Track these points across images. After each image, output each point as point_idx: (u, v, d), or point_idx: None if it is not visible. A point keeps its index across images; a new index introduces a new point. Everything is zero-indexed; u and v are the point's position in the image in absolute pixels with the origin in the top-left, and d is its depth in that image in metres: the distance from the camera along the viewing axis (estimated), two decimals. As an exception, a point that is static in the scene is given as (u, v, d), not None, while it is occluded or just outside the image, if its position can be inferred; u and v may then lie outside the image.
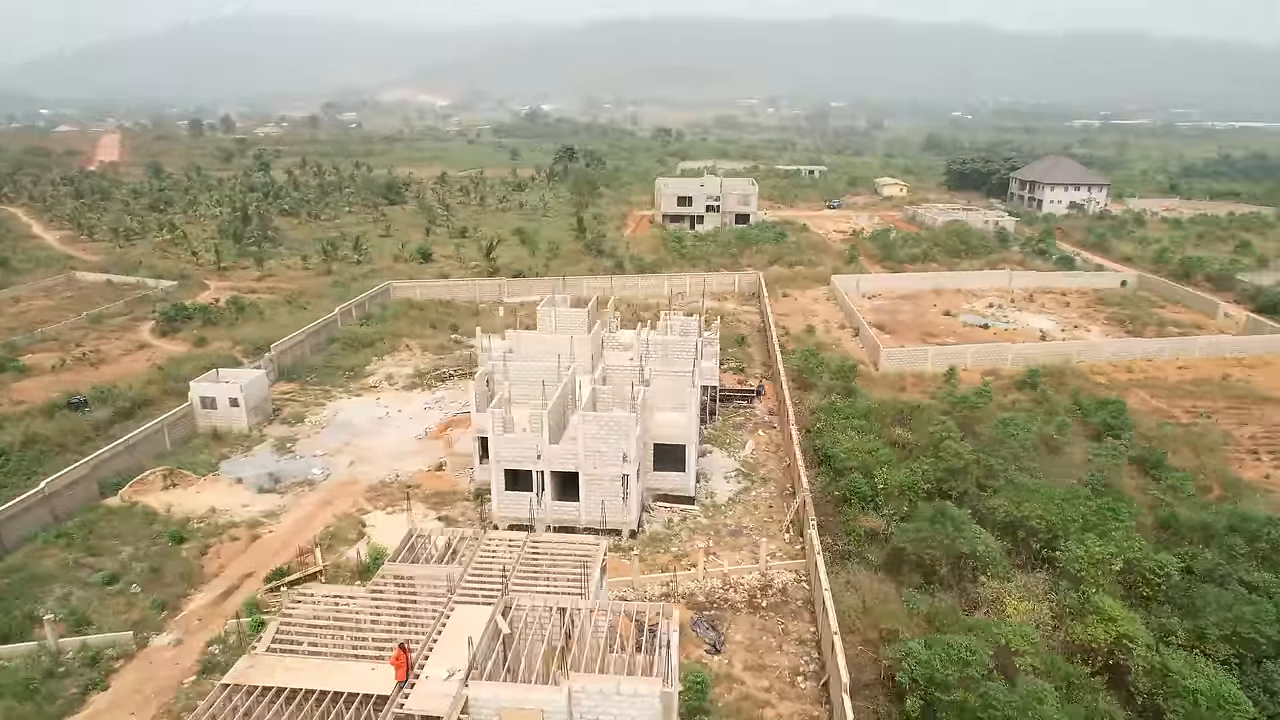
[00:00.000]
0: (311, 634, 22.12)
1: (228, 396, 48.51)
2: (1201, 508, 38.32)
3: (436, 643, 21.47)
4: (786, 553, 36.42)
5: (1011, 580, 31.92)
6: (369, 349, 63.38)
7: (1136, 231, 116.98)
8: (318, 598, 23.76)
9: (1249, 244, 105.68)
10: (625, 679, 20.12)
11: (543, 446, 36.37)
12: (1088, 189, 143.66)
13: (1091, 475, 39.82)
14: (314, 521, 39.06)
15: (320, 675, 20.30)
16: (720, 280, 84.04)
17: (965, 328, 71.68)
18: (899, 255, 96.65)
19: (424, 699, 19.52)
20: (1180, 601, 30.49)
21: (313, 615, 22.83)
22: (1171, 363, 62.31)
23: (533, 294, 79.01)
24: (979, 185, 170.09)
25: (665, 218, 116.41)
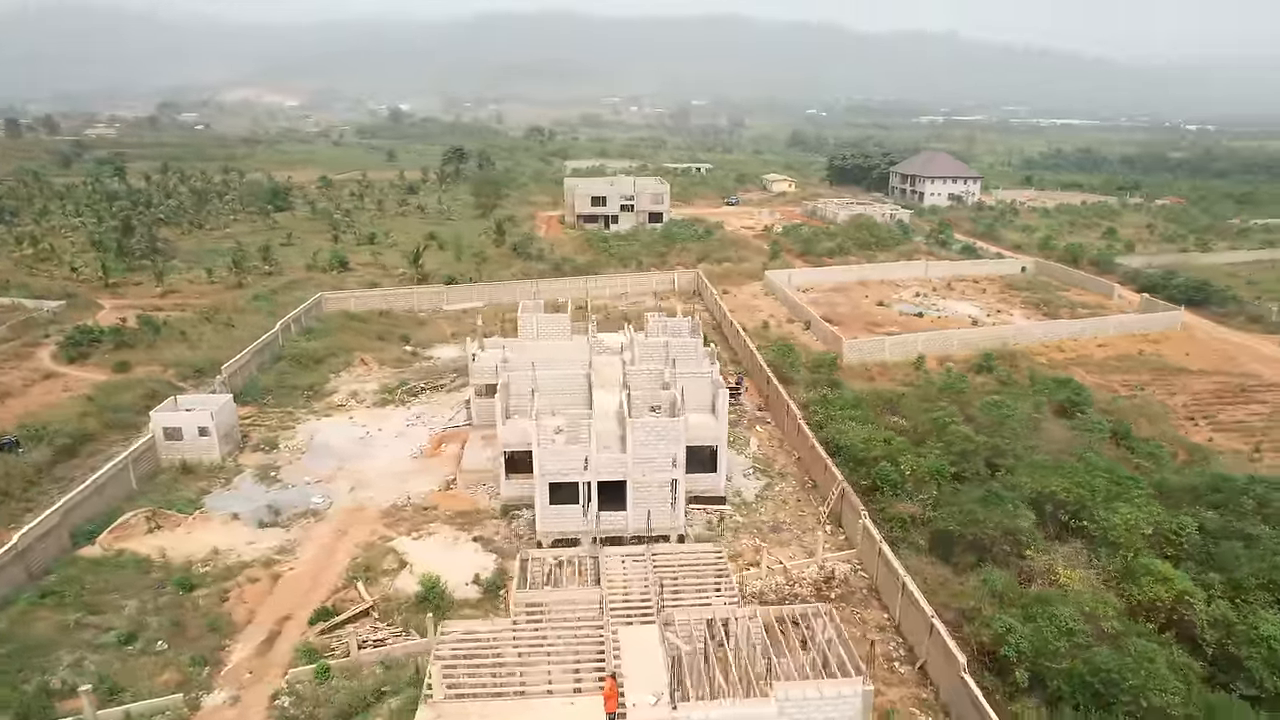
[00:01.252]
0: (477, 674, 20.82)
1: (196, 425, 44.42)
2: (1175, 472, 42.19)
3: (619, 667, 20.73)
4: (832, 544, 37.30)
5: (1050, 553, 34.08)
6: (321, 365, 59.62)
7: (1016, 220, 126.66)
8: (459, 635, 22.33)
9: (1114, 230, 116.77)
10: (826, 682, 20.27)
11: (591, 456, 35.54)
12: (964, 182, 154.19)
13: (1080, 450, 42.93)
14: (335, 555, 36.51)
15: (521, 717, 19.17)
16: (660, 279, 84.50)
17: (902, 316, 75.45)
18: (818, 249, 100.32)
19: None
20: (1200, 558, 33.51)
21: (468, 654, 21.47)
22: (1092, 341, 68.10)
23: (472, 300, 76.98)
24: (859, 180, 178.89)
25: (579, 218, 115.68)
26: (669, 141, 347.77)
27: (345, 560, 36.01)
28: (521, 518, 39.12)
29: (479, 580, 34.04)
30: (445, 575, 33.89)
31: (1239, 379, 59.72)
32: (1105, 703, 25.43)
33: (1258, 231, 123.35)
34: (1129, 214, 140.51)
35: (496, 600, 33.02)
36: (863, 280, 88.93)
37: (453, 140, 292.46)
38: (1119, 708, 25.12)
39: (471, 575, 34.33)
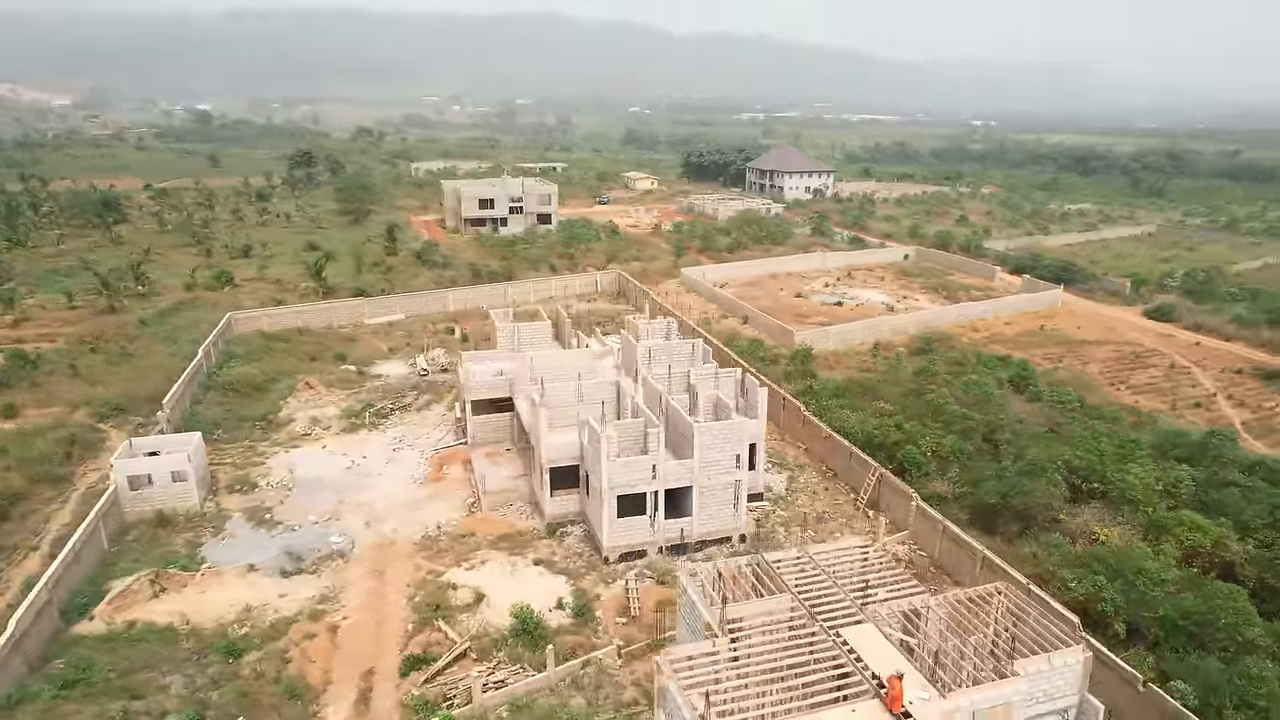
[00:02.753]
0: (735, 699, 20.03)
1: (169, 470, 39.28)
2: (1134, 433, 47.29)
3: (864, 666, 20.76)
4: (872, 528, 38.82)
5: (1078, 516, 37.36)
6: (263, 392, 54.27)
7: (875, 211, 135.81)
8: (681, 660, 21.37)
9: (965, 218, 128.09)
10: (1055, 654, 21.29)
11: (659, 464, 34.89)
12: (819, 175, 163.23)
13: (1056, 422, 47.14)
14: (386, 597, 33.66)
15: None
16: (584, 281, 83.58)
17: (824, 306, 79.12)
18: (717, 246, 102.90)
19: (934, 718, 19.05)
20: (1196, 506, 37.89)
21: (711, 680, 20.61)
22: (998, 320, 74.65)
23: (394, 313, 72.89)
24: (715, 176, 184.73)
25: (467, 222, 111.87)
26: (502, 141, 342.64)
27: (400, 601, 33.29)
28: (571, 534, 37.77)
29: (562, 604, 32.60)
30: (522, 602, 32.21)
31: (1129, 347, 67.66)
32: (1200, 643, 28.31)
33: (1073, 216, 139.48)
34: (966, 202, 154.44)
35: (592, 624, 31.78)
36: (771, 274, 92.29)
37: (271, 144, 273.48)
38: (1213, 645, 28.05)
39: (553, 601, 32.81)
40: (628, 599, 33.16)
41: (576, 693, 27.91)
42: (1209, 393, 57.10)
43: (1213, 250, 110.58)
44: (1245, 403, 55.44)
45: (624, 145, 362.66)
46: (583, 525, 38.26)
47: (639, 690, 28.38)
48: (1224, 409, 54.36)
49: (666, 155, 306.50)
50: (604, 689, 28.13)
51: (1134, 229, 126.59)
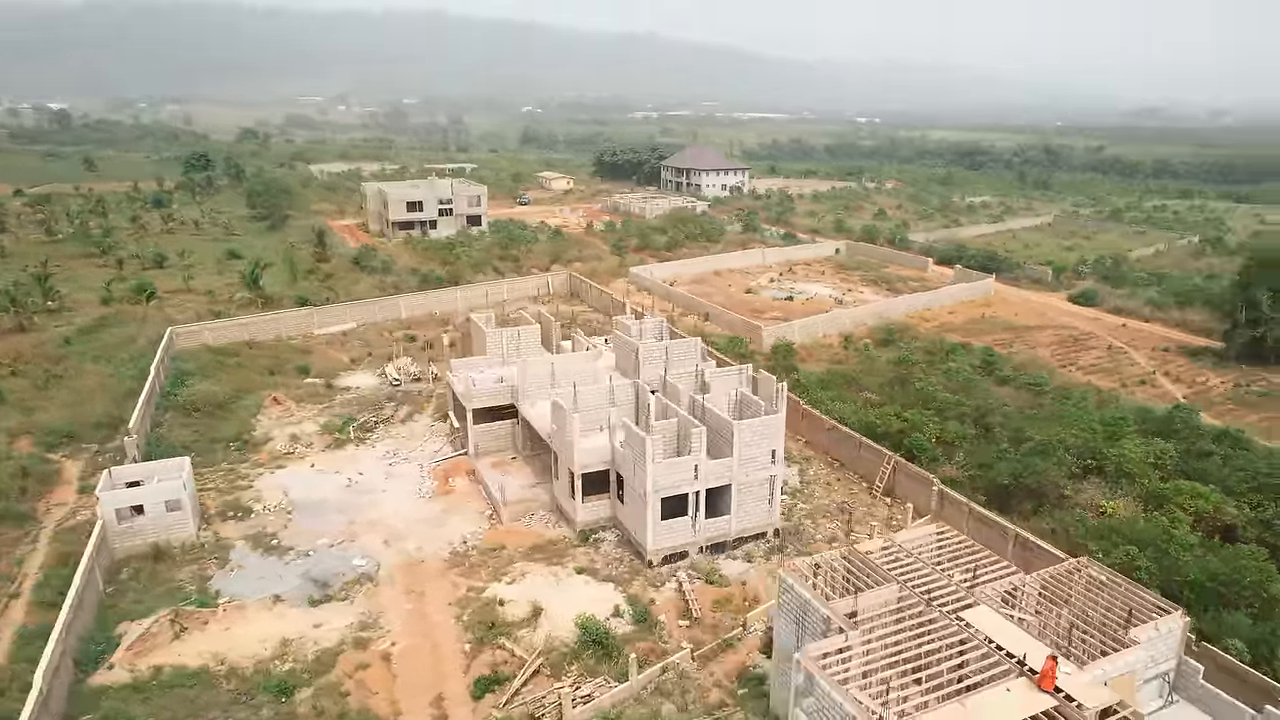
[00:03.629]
0: (885, 690, 20.22)
1: (163, 499, 36.33)
2: (1102, 410, 50.42)
3: (994, 646, 21.38)
4: (893, 515, 40.00)
5: (1082, 491, 39.59)
6: (229, 411, 50.87)
7: (798, 207, 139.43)
8: (822, 656, 21.40)
9: (884, 211, 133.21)
10: (1161, 621, 22.61)
11: (701, 464, 34.79)
12: (734, 173, 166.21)
13: (1037, 404, 49.72)
14: (430, 617, 32.24)
15: (972, 715, 19.10)
16: (536, 283, 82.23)
17: (775, 301, 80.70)
18: (656, 244, 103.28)
19: (1082, 691, 19.80)
20: (1179, 475, 40.78)
21: (859, 673, 20.74)
22: (943, 309, 78.07)
23: (345, 321, 69.80)
24: (629, 175, 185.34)
25: (394, 225, 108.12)
26: (396, 141, 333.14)
27: (447, 621, 31.95)
28: (605, 541, 37.18)
29: (619, 612, 32.06)
30: (574, 613, 31.55)
31: (1066, 331, 72.14)
32: (1227, 602, 30.52)
33: (979, 208, 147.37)
34: (875, 197, 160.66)
35: (654, 629, 31.40)
36: (715, 271, 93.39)
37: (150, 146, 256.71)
38: (1240, 604, 30.30)
39: (608, 609, 32.21)
40: (684, 601, 32.95)
41: (663, 699, 27.51)
42: (1148, 371, 61.55)
43: (1107, 239, 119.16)
44: (1181, 379, 60.07)
45: (522, 145, 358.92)
46: (615, 530, 37.72)
47: (723, 691, 28.26)
48: (1166, 385, 58.71)
49: (567, 155, 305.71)
50: (689, 694, 27.85)
51: (1034, 220, 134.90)
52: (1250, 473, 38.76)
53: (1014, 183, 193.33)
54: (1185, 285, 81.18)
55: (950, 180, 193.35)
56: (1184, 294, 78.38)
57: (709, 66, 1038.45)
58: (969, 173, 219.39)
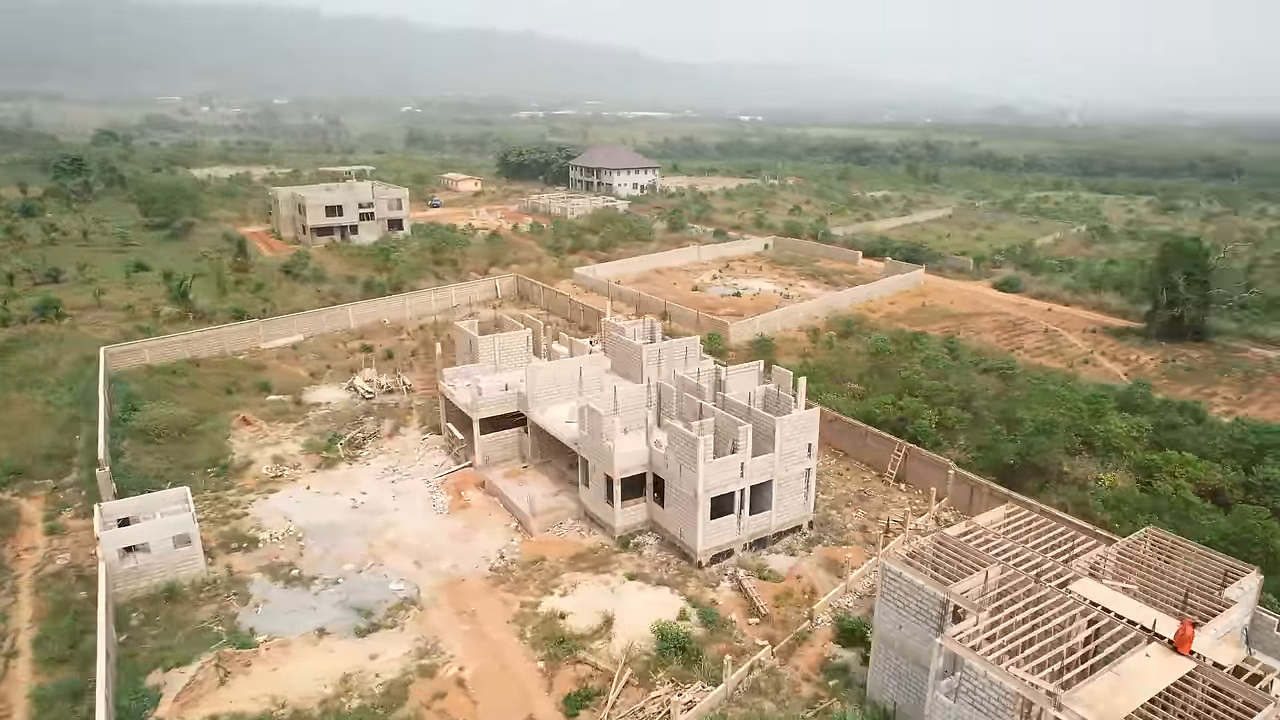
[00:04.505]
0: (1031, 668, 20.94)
1: (170, 534, 33.38)
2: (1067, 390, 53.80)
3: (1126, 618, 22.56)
4: (911, 500, 41.48)
5: (1077, 466, 42.21)
6: (196, 435, 47.19)
7: (714, 205, 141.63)
8: (966, 638, 21.93)
9: (798, 207, 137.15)
10: (1244, 579, 24.52)
11: (747, 462, 34.95)
12: (645, 171, 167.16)
13: (1015, 387, 52.48)
14: (491, 638, 31.03)
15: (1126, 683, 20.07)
16: (483, 287, 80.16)
17: (724, 298, 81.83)
18: (589, 245, 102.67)
19: (1211, 651, 21.19)
20: (1155, 445, 44.10)
21: (1004, 652, 21.38)
22: (884, 300, 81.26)
23: (293, 334, 66.09)
24: (535, 175, 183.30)
25: (312, 231, 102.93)
26: (272, 144, 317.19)
27: (509, 640, 30.84)
28: (646, 545, 36.79)
29: (685, 615, 31.82)
30: (649, 619, 31.18)
31: (1001, 316, 76.53)
32: (1240, 559, 33.26)
33: (881, 202, 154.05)
34: (782, 193, 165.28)
35: (726, 628, 31.33)
36: (655, 269, 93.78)
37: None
38: (1254, 560, 33.09)
39: (673, 613, 31.92)
40: (746, 599, 33.03)
41: (759, 698, 27.53)
42: (1086, 352, 66.16)
43: (1006, 228, 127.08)
44: (1117, 358, 64.89)
45: (408, 146, 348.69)
46: (654, 534, 37.37)
47: (811, 684, 28.53)
48: (1105, 364, 63.26)
49: (455, 155, 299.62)
50: (782, 690, 27.98)
51: (936, 212, 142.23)
52: (1221, 440, 42.32)
53: (905, 177, 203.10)
54: (1095, 271, 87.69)
55: (848, 176, 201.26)
56: (1096, 279, 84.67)
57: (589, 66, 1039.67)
58: (861, 168, 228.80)
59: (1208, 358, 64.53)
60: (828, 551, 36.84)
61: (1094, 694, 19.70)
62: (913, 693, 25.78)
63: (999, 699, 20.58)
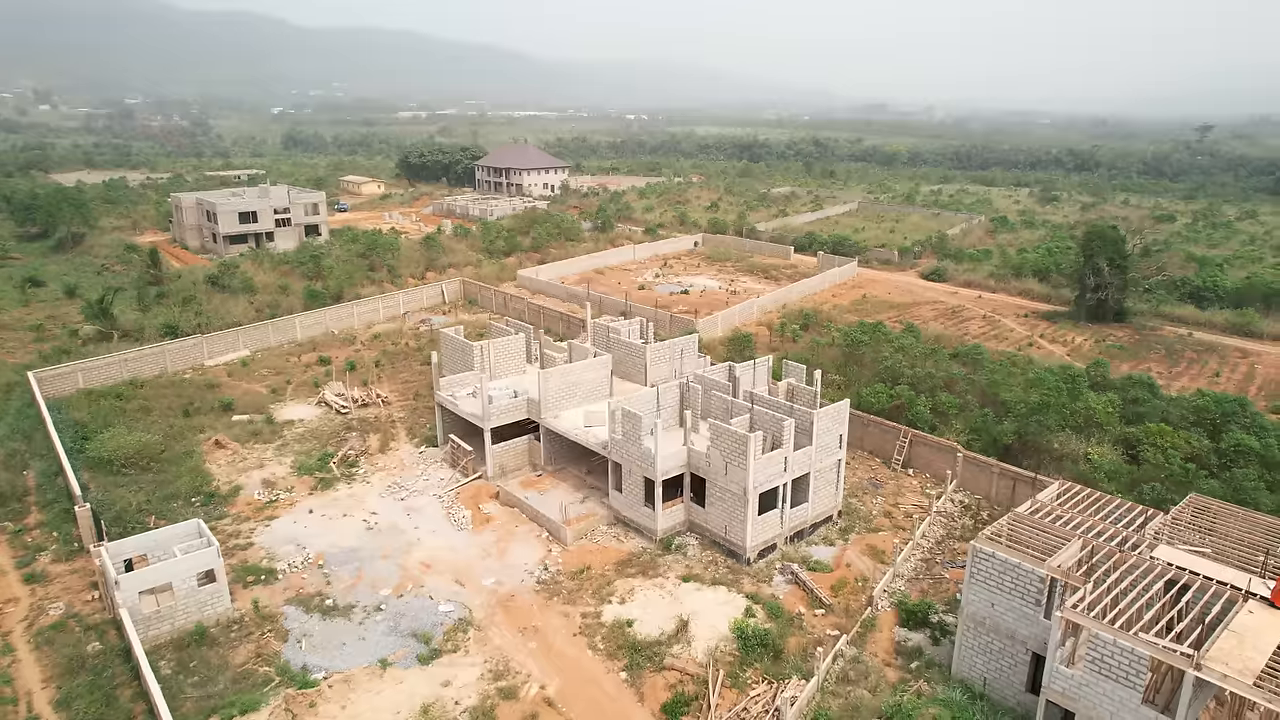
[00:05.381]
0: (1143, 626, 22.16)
1: (195, 573, 30.68)
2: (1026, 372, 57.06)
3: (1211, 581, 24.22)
4: (920, 485, 43.05)
5: (1067, 443, 44.87)
6: (167, 463, 43.47)
7: (631, 204, 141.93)
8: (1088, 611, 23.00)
9: (716, 204, 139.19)
10: (1301, 541, 26.70)
11: (790, 456, 35.32)
12: (555, 171, 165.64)
13: (984, 372, 55.14)
14: (564, 653, 30.13)
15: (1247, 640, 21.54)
16: (429, 293, 77.41)
17: (673, 295, 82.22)
18: (523, 246, 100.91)
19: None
20: (1127, 419, 47.44)
21: (1121, 620, 22.53)
22: (827, 292, 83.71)
23: (240, 348, 62.06)
24: (438, 176, 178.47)
25: (225, 239, 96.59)
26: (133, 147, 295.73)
27: (582, 653, 30.05)
28: (688, 545, 36.58)
29: (751, 612, 31.90)
30: (719, 620, 31.15)
31: (939, 304, 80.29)
32: (1234, 519, 36.29)
33: (789, 198, 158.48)
34: (692, 190, 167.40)
35: (795, 621, 31.58)
36: (595, 269, 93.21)
37: None
38: (1245, 518, 36.17)
39: (741, 610, 31.95)
40: (804, 591, 33.41)
41: (850, 687, 27.92)
42: (1027, 335, 70.36)
43: (914, 221, 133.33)
44: (1056, 340, 69.32)
45: (287, 149, 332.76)
46: (693, 534, 37.21)
47: (894, 669, 29.17)
48: (1047, 346, 67.47)
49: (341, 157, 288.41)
50: (870, 677, 28.47)
51: (844, 207, 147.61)
52: (1186, 411, 45.97)
53: (802, 174, 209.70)
54: (1014, 259, 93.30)
55: (749, 173, 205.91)
56: (1016, 266, 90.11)
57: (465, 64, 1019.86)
58: (757, 165, 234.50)
59: (1132, 337, 69.91)
60: (862, 539, 37.73)
61: (1223, 652, 21.06)
62: (1004, 667, 26.81)
63: (1130, 664, 21.69)
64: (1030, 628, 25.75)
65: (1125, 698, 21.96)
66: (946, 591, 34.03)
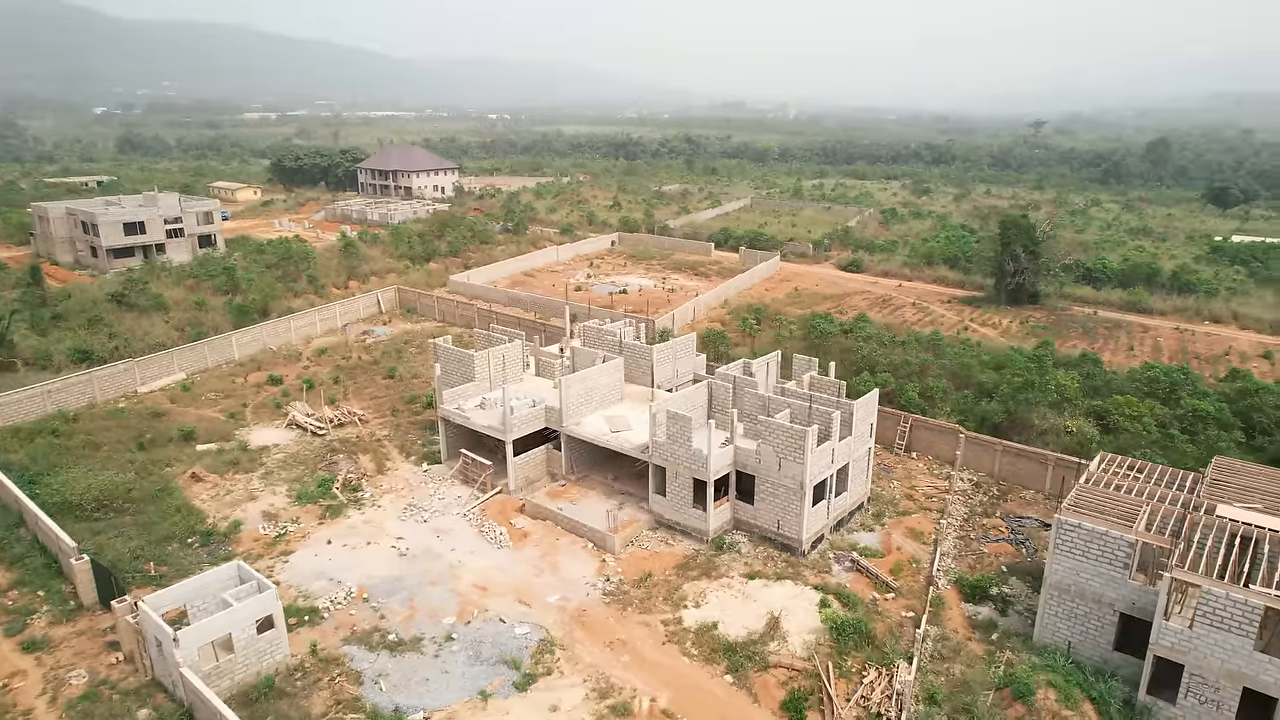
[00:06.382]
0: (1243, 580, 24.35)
1: (255, 620, 27.99)
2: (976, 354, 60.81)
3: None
4: (927, 466, 45.16)
5: (1047, 418, 48.28)
6: (143, 503, 39.24)
7: (532, 204, 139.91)
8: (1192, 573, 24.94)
9: (618, 203, 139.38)
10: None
11: (836, 448, 36.17)
12: (444, 172, 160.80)
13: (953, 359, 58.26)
14: (658, 664, 29.64)
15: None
16: (365, 303, 73.41)
17: (613, 296, 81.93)
18: (441, 251, 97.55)
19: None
20: (1090, 393, 51.55)
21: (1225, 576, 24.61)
22: (759, 287, 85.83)
23: (175, 371, 56.95)
24: (317, 180, 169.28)
25: (108, 253, 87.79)
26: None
27: (678, 661, 29.65)
28: (739, 543, 36.74)
29: (826, 603, 32.51)
30: (800, 613, 31.60)
31: (868, 295, 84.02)
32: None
33: (682, 196, 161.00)
34: (585, 189, 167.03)
35: (870, 607, 32.42)
36: (525, 271, 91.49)
37: None
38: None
39: (815, 601, 32.51)
40: (869, 577, 34.34)
41: (946, 664, 29.01)
42: (958, 320, 74.87)
43: (808, 214, 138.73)
44: (985, 323, 74.16)
45: (123, 153, 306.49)
46: (739, 532, 37.39)
47: (976, 642, 30.52)
48: (979, 329, 72.06)
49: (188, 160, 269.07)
50: (961, 652, 29.68)
51: (738, 202, 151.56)
52: (1140, 382, 50.48)
53: (685, 171, 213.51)
54: (922, 249, 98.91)
55: (634, 171, 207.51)
56: (925, 255, 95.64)
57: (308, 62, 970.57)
58: (639, 163, 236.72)
59: (1049, 317, 75.90)
60: (899, 522, 39.17)
61: (1319, 595, 23.44)
62: (1090, 629, 28.65)
63: (1244, 614, 23.75)
64: (1118, 590, 27.66)
65: (1238, 645, 24.02)
66: (990, 565, 35.89)
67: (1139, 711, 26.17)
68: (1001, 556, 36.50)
